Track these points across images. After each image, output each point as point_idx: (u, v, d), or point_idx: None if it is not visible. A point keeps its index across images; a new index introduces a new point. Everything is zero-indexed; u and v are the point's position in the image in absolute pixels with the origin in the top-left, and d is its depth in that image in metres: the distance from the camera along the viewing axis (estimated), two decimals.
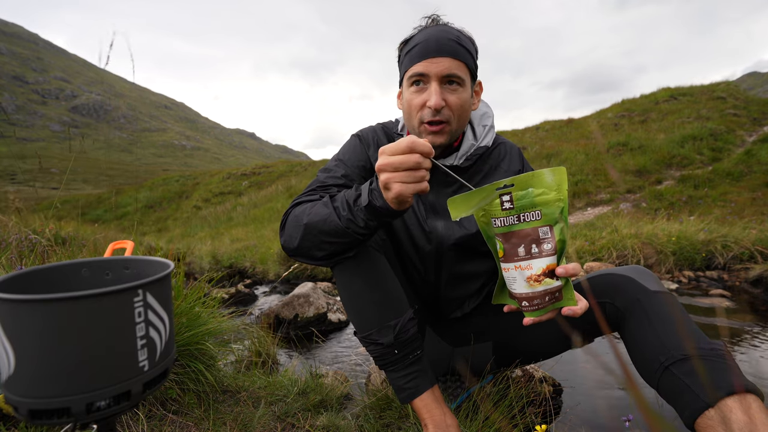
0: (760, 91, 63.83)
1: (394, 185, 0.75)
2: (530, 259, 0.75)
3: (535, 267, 0.75)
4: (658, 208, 6.18)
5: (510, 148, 1.18)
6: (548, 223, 0.74)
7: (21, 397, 0.45)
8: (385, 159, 0.75)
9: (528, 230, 0.75)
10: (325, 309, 2.49)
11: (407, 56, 1.01)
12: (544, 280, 0.75)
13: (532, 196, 0.74)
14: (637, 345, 0.87)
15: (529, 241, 0.75)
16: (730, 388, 0.72)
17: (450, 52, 0.96)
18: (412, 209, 1.11)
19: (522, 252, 0.76)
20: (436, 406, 0.97)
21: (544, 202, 0.74)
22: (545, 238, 0.75)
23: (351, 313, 1.01)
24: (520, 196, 0.75)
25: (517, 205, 0.75)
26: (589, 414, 1.32)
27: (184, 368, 1.23)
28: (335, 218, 0.86)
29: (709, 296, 2.72)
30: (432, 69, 0.96)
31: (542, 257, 0.75)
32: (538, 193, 0.74)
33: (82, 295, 0.45)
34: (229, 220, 12.21)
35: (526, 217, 0.75)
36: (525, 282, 0.76)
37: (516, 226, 0.76)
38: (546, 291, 0.75)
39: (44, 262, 1.67)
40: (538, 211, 0.74)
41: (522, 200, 0.75)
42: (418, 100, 0.99)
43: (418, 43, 0.99)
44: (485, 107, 1.16)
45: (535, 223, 0.74)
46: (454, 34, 0.98)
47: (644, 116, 12.48)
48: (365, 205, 0.82)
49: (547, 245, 0.75)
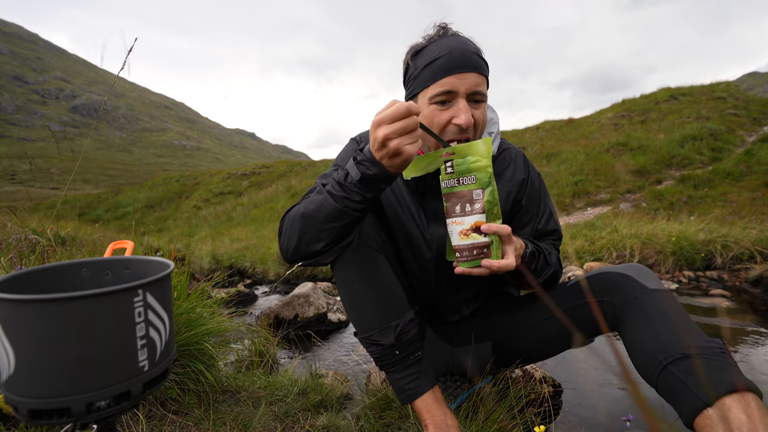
0: (760, 91, 63.83)
1: (406, 148, 0.78)
2: (463, 216, 0.88)
3: (466, 223, 0.88)
4: (658, 208, 6.18)
5: (515, 154, 1.16)
6: (481, 186, 0.87)
7: (21, 397, 0.45)
8: (390, 127, 0.76)
9: (465, 192, 0.88)
10: (325, 309, 2.49)
11: (427, 69, 0.96)
12: (471, 234, 0.87)
13: (468, 163, 0.88)
14: (635, 344, 0.87)
15: (465, 201, 0.88)
16: (729, 386, 0.72)
17: (475, 67, 0.94)
18: (412, 216, 1.10)
19: (458, 210, 0.89)
20: (437, 406, 0.97)
21: (478, 168, 0.87)
22: (477, 199, 0.87)
23: (352, 313, 1.01)
24: (459, 163, 0.88)
25: (456, 170, 0.89)
26: (589, 414, 1.32)
27: (184, 368, 1.23)
28: (330, 201, 0.86)
29: (709, 296, 2.72)
30: (460, 86, 0.93)
31: (473, 215, 0.88)
32: (473, 160, 0.87)
33: (82, 295, 0.45)
34: (229, 220, 12.21)
35: (464, 181, 0.88)
36: (458, 235, 0.89)
37: (456, 188, 0.89)
38: (474, 245, 0.88)
39: (44, 262, 1.67)
40: (473, 175, 0.87)
41: (461, 166, 0.88)
42: (443, 116, 0.95)
43: (440, 56, 0.94)
44: (491, 113, 1.14)
45: (471, 186, 0.88)
46: (474, 46, 0.97)
47: (644, 116, 12.47)
48: (358, 179, 0.83)
49: (478, 205, 0.87)
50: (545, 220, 1.14)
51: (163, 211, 17.02)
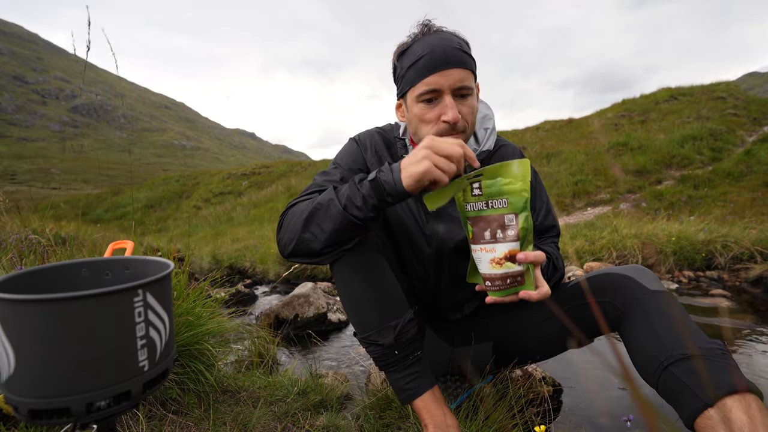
0: (760, 91, 63.82)
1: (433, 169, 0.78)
2: (495, 243, 0.81)
3: (498, 251, 0.81)
4: (658, 208, 6.18)
5: (512, 150, 1.16)
6: (514, 211, 0.80)
7: (21, 397, 0.45)
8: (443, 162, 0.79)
9: (495, 216, 0.81)
10: (325, 309, 2.49)
11: (411, 69, 0.97)
12: (505, 263, 0.80)
13: (499, 184, 0.80)
14: (636, 344, 0.87)
15: (495, 226, 0.81)
16: (729, 387, 0.72)
17: (458, 62, 0.94)
18: (412, 213, 1.10)
19: (488, 236, 0.82)
20: (437, 406, 0.97)
21: (511, 191, 0.80)
22: (510, 225, 0.80)
23: (351, 314, 1.01)
24: (488, 185, 0.81)
25: (485, 192, 0.81)
26: (589, 414, 1.32)
27: (184, 368, 1.23)
28: (336, 201, 0.87)
29: (709, 296, 2.72)
30: (444, 82, 0.93)
31: (505, 242, 0.80)
32: (505, 182, 0.80)
33: (82, 295, 0.45)
34: (229, 220, 12.21)
35: (494, 204, 0.81)
36: (489, 264, 0.82)
37: (484, 211, 0.82)
38: (507, 274, 0.81)
39: (44, 262, 1.67)
40: (505, 199, 0.80)
41: (490, 188, 0.81)
42: (431, 114, 0.96)
43: (423, 55, 0.94)
44: (486, 109, 1.14)
45: (502, 210, 0.81)
46: (456, 41, 0.96)
47: (644, 116, 12.47)
48: (371, 179, 0.84)
49: (511, 231, 0.80)
50: (543, 216, 1.14)
51: (163, 211, 17.02)
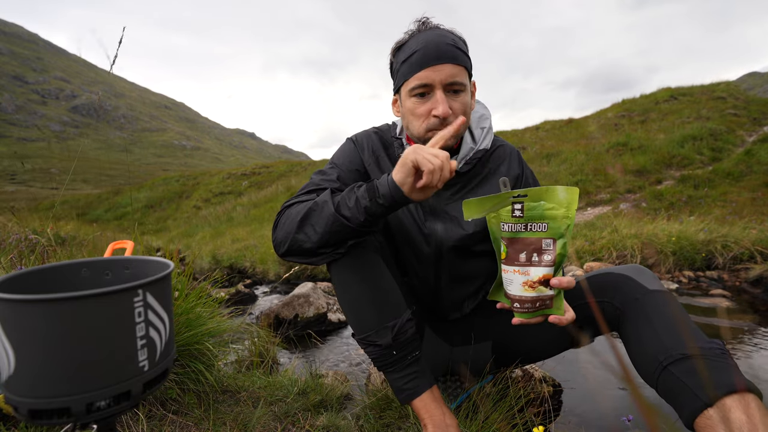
0: (760, 91, 63.81)
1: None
2: (529, 266, 0.80)
3: (533, 274, 0.79)
4: (658, 208, 6.18)
5: (509, 150, 1.16)
6: (553, 236, 0.79)
7: (21, 397, 0.45)
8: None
9: (533, 239, 0.80)
10: (325, 309, 2.49)
11: (405, 64, 0.98)
12: (538, 287, 0.79)
13: (542, 208, 0.79)
14: (635, 344, 0.87)
15: (532, 249, 0.80)
16: (729, 387, 0.72)
17: (450, 58, 0.95)
18: (410, 212, 1.10)
19: (523, 258, 0.80)
20: (436, 406, 0.97)
21: (553, 217, 0.78)
22: (547, 250, 0.79)
23: (349, 315, 1.01)
24: (531, 207, 0.79)
25: (526, 215, 0.80)
26: (589, 414, 1.32)
27: (184, 368, 1.23)
28: (330, 203, 0.88)
29: (709, 296, 2.72)
30: (435, 77, 0.94)
31: (541, 266, 0.79)
32: (548, 207, 0.79)
33: (82, 295, 0.45)
34: (229, 220, 12.20)
35: (533, 227, 0.80)
36: (521, 286, 0.81)
37: (522, 233, 0.81)
38: (538, 297, 0.80)
39: (44, 262, 1.67)
40: (546, 223, 0.79)
41: (532, 211, 0.79)
42: (422, 109, 0.98)
43: (416, 51, 0.96)
44: (482, 108, 1.15)
45: (541, 234, 0.79)
46: (450, 38, 0.97)
47: (644, 116, 12.47)
48: (368, 185, 0.85)
49: (548, 256, 0.79)
50: None
51: (163, 211, 17.01)
